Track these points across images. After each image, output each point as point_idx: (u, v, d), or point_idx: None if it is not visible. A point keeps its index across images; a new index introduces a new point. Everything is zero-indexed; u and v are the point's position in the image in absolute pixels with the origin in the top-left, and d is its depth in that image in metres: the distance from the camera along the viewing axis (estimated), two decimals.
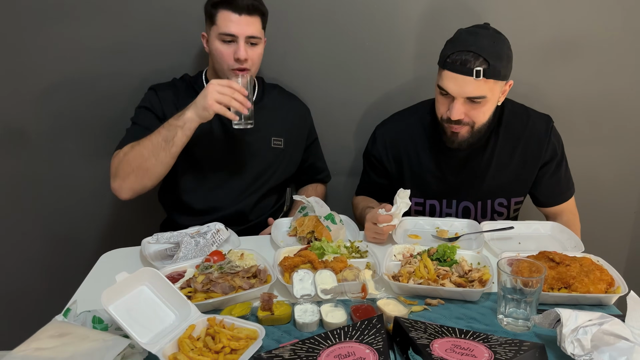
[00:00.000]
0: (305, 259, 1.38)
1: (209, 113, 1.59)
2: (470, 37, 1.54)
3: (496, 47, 1.53)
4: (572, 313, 1.09)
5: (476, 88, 1.53)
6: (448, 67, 1.54)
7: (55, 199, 2.16)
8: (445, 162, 1.76)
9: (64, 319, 1.16)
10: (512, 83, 1.65)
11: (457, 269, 1.39)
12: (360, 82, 2.12)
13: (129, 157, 1.65)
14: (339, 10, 2.02)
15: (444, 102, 1.61)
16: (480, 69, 1.50)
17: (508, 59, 1.57)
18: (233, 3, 1.66)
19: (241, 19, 1.67)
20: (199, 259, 1.42)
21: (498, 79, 1.54)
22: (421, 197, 1.81)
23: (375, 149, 1.85)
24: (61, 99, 2.03)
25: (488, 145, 1.73)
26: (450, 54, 1.54)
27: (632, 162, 2.28)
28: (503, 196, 1.78)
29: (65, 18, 1.93)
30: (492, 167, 1.75)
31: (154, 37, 1.98)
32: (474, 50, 1.50)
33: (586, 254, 1.44)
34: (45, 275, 2.26)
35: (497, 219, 1.81)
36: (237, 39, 1.68)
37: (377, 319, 1.12)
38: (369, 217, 1.60)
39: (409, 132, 1.80)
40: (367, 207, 1.73)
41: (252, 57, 1.72)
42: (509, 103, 1.77)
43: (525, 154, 1.74)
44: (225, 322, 1.14)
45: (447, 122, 1.62)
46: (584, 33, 2.08)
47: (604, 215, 2.33)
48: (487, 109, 1.60)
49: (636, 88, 2.17)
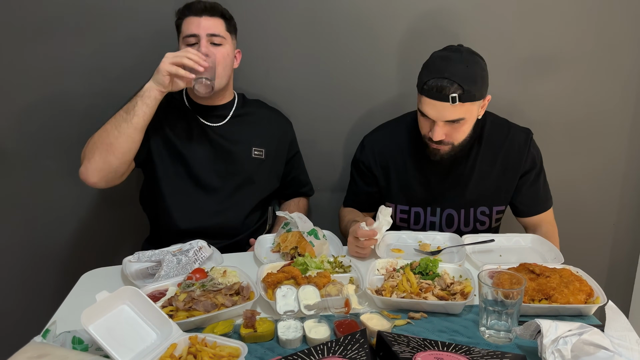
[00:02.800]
0: (289, 275, 1.38)
1: (163, 76, 1.61)
2: (443, 63, 1.60)
3: (469, 71, 1.58)
4: (552, 324, 1.11)
5: (453, 112, 1.59)
6: (425, 94, 1.61)
7: (35, 218, 2.13)
8: (429, 170, 1.81)
9: (42, 340, 1.14)
10: (490, 97, 1.70)
11: (439, 282, 1.40)
12: (343, 99, 2.14)
13: (94, 137, 1.67)
14: (321, 27, 2.04)
15: (425, 124, 1.69)
16: (456, 95, 1.56)
17: (482, 80, 1.62)
18: (192, 7, 1.74)
19: (201, 19, 1.73)
20: (181, 277, 1.41)
21: (473, 100, 1.60)
22: (407, 205, 1.84)
23: (364, 155, 1.88)
24: (41, 118, 2.02)
25: (470, 154, 1.79)
26: (426, 80, 1.60)
27: (610, 174, 2.33)
28: (485, 205, 1.82)
29: (44, 37, 1.93)
30: (474, 176, 1.80)
31: (134, 57, 1.99)
32: (448, 77, 1.56)
33: (566, 265, 1.46)
34: (24, 295, 2.22)
35: (480, 228, 1.84)
36: (199, 39, 1.72)
37: (360, 334, 1.12)
38: (351, 231, 1.62)
39: (395, 140, 1.85)
40: (352, 221, 1.74)
41: (216, 55, 1.72)
42: (491, 115, 1.84)
43: (506, 163, 1.80)
44: (207, 341, 1.13)
45: (429, 140, 1.69)
46: (559, 49, 2.13)
47: (583, 227, 2.36)
48: (467, 128, 1.67)
49: (612, 101, 2.22)
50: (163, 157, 1.81)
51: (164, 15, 1.93)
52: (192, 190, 1.84)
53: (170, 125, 1.83)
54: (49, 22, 1.91)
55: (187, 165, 1.82)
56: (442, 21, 2.05)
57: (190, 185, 1.84)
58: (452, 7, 2.05)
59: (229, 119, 1.88)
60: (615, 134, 2.27)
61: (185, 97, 1.87)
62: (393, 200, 1.86)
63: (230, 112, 1.89)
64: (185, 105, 1.86)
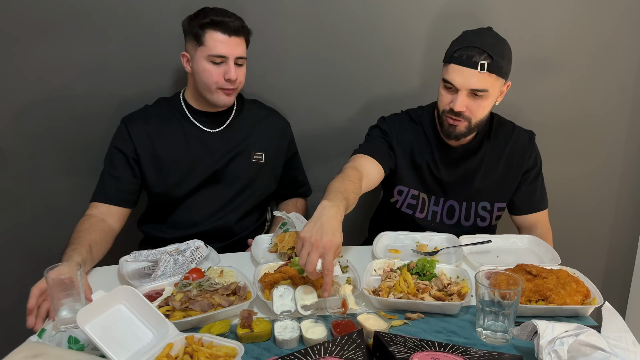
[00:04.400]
0: (286, 275, 1.38)
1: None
2: (475, 35, 1.65)
3: (499, 46, 1.63)
4: (548, 324, 1.11)
5: (480, 80, 1.61)
6: (454, 61, 1.63)
7: (32, 217, 2.12)
8: (441, 159, 1.82)
9: (38, 339, 1.15)
10: (510, 84, 1.72)
11: (436, 282, 1.40)
12: (342, 98, 2.14)
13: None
14: (319, 28, 2.04)
15: (448, 95, 1.69)
16: (485, 62, 1.59)
17: (509, 59, 1.66)
18: (223, 25, 1.68)
19: (230, 40, 1.70)
20: (177, 277, 1.41)
21: (499, 74, 1.63)
22: (417, 189, 1.84)
23: (385, 124, 1.85)
24: (38, 117, 2.01)
25: (481, 147, 1.81)
26: (456, 49, 1.64)
27: (607, 175, 2.33)
28: (487, 200, 1.84)
29: (42, 37, 1.92)
30: (481, 169, 1.82)
31: (131, 56, 1.98)
32: (479, 46, 1.61)
33: (562, 266, 1.46)
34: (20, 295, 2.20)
35: (480, 225, 1.85)
36: (226, 60, 1.71)
37: (357, 334, 1.12)
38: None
39: (412, 125, 1.85)
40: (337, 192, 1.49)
41: (240, 77, 1.76)
42: (497, 115, 1.86)
43: (511, 160, 1.83)
44: (204, 340, 1.13)
45: (448, 113, 1.69)
46: (556, 51, 2.13)
47: (580, 228, 2.37)
48: (487, 105, 1.68)
49: (609, 103, 2.23)
50: (158, 173, 1.81)
51: (164, 16, 1.93)
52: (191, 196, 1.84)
53: (166, 134, 1.82)
54: (47, 21, 1.91)
55: (185, 173, 1.82)
56: (440, 24, 2.05)
57: (189, 191, 1.83)
58: (450, 10, 2.05)
59: (227, 124, 1.87)
60: (613, 136, 2.28)
61: (184, 102, 1.87)
62: (405, 182, 1.84)
63: (229, 117, 1.88)
64: (184, 111, 1.86)
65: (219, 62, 1.71)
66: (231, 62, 1.71)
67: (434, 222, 1.85)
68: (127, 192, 1.79)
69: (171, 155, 1.81)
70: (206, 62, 1.70)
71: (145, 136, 1.80)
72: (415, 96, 2.05)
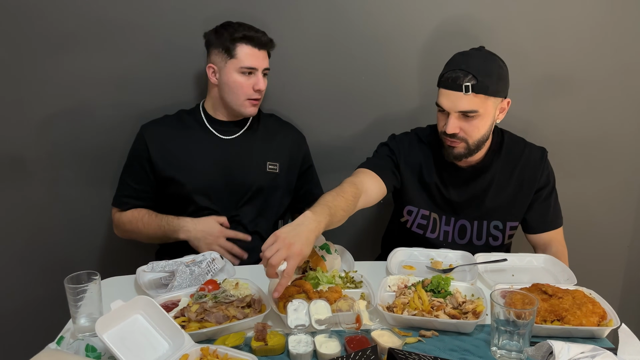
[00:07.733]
0: (300, 289, 1.39)
1: (208, 245, 1.78)
2: (462, 57, 1.66)
3: (486, 65, 1.63)
4: (564, 345, 1.10)
5: (467, 102, 1.62)
6: (442, 85, 1.66)
7: (53, 227, 2.16)
8: (449, 180, 1.82)
9: (57, 347, 1.16)
10: (510, 101, 1.72)
11: (451, 300, 1.40)
12: (358, 115, 2.17)
13: (127, 227, 1.90)
14: (336, 44, 2.07)
15: (442, 118, 1.71)
16: (469, 84, 1.60)
17: (499, 77, 1.65)
18: (255, 39, 1.80)
19: (260, 53, 1.81)
20: (193, 288, 1.42)
21: (487, 94, 1.62)
22: (427, 209, 1.84)
23: (394, 143, 1.86)
24: (61, 128, 2.05)
25: (491, 166, 1.80)
26: (444, 72, 1.66)
27: (624, 195, 2.31)
28: (499, 219, 1.82)
29: (65, 50, 1.97)
30: (492, 188, 1.80)
31: (152, 68, 2.02)
32: (463, 68, 1.61)
33: (579, 286, 1.45)
34: (40, 302, 2.24)
35: (493, 244, 1.83)
36: (255, 72, 1.80)
37: (371, 350, 1.12)
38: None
39: (420, 145, 1.86)
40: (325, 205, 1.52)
41: (264, 86, 1.86)
42: (508, 133, 1.86)
43: (522, 178, 1.81)
44: (219, 352, 1.14)
45: (444, 135, 1.70)
46: (574, 70, 2.13)
47: (597, 248, 2.34)
48: (481, 125, 1.67)
49: (626, 122, 2.22)
50: (173, 174, 1.85)
51: (185, 29, 1.97)
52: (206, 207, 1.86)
53: (182, 137, 1.87)
54: (70, 35, 1.95)
55: (200, 183, 1.85)
56: (455, 41, 2.05)
57: (204, 202, 1.86)
58: (466, 27, 2.06)
59: (243, 132, 1.91)
60: (630, 155, 2.26)
61: (203, 111, 1.91)
62: (415, 202, 1.84)
63: (245, 126, 1.92)
64: (202, 119, 1.90)
65: (249, 72, 1.79)
66: (260, 73, 1.81)
67: (446, 242, 1.84)
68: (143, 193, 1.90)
69: (185, 158, 1.85)
70: (237, 74, 1.79)
71: (159, 145, 1.85)
72: (430, 113, 2.05)
